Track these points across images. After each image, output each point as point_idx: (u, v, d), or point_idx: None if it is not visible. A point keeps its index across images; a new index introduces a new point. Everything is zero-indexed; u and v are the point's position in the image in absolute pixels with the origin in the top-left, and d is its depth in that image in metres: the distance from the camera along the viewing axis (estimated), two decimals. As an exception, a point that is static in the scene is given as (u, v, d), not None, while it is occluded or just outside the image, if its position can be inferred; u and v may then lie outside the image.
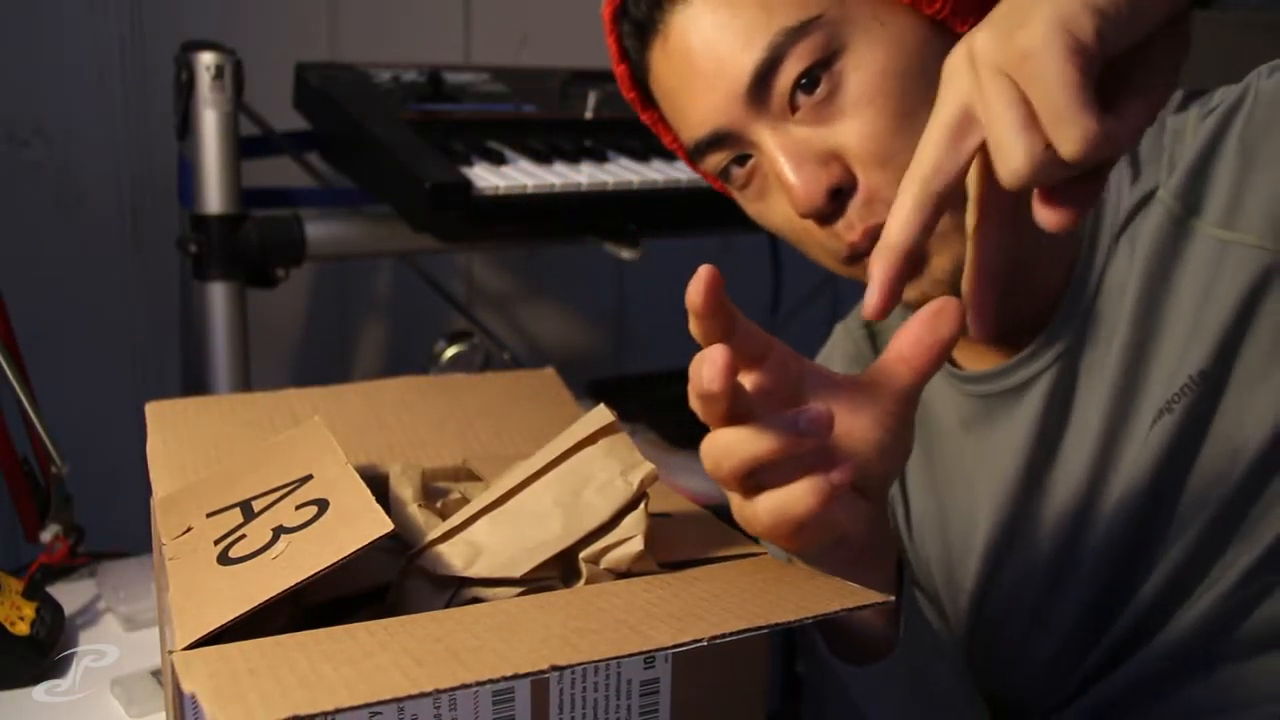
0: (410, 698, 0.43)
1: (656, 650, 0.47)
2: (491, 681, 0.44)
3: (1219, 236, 0.65)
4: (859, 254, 0.65)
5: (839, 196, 0.64)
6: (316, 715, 0.41)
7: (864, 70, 0.63)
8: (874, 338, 0.85)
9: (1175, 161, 0.68)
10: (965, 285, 0.54)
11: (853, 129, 0.63)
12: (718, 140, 0.67)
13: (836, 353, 0.87)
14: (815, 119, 0.64)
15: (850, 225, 0.64)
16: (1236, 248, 0.65)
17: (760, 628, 0.49)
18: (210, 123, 1.07)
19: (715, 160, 0.68)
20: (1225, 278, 0.65)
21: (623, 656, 0.47)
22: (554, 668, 0.45)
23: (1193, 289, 0.66)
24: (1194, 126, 0.68)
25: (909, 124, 0.62)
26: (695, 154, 0.69)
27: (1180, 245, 0.67)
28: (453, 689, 0.43)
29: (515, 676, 0.44)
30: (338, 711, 0.42)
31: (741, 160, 0.68)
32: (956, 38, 0.63)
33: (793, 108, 0.64)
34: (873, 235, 0.63)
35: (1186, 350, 0.67)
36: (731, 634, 0.48)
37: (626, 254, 1.11)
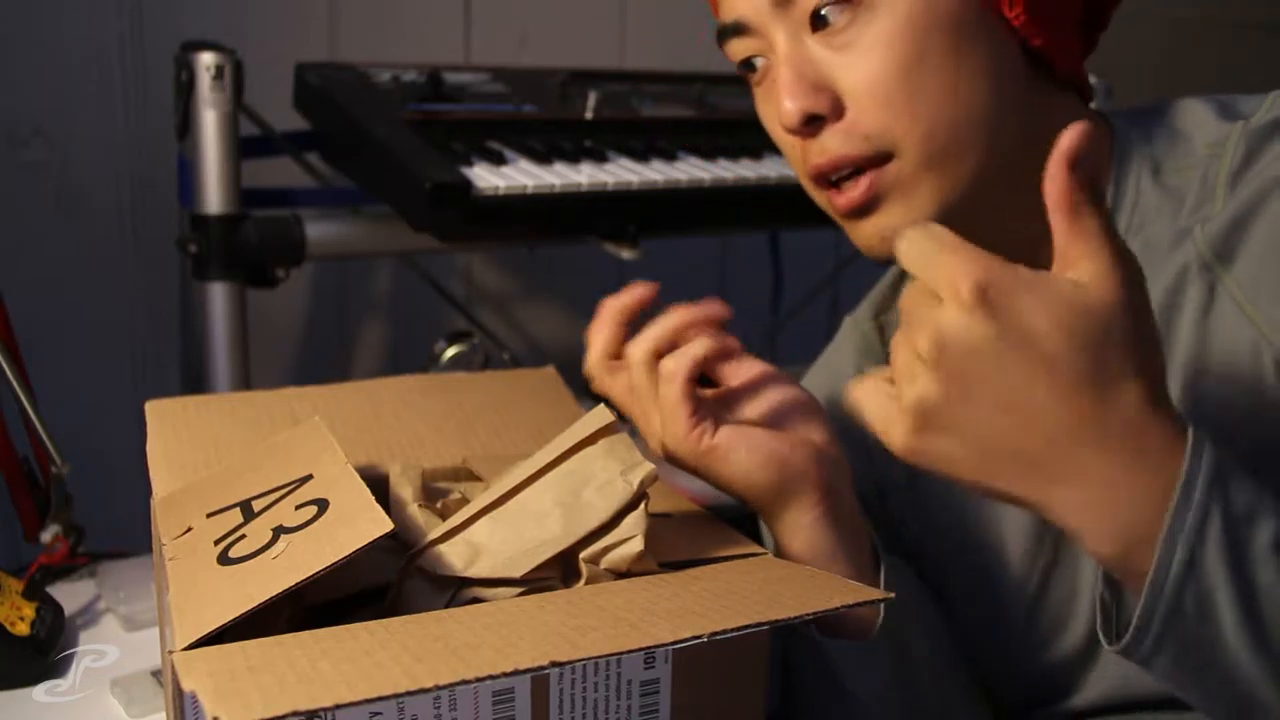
0: (410, 694, 0.43)
1: (656, 646, 0.47)
2: (491, 678, 0.44)
3: (1242, 306, 0.65)
4: (821, 179, 0.68)
5: (815, 122, 0.66)
6: (316, 711, 0.41)
7: (889, 15, 0.65)
8: (883, 330, 0.85)
9: (1211, 183, 0.67)
10: None
11: (859, 67, 0.65)
12: (738, 29, 0.69)
13: (846, 346, 0.86)
14: (829, 44, 0.66)
15: (822, 149, 0.67)
16: (1254, 329, 0.64)
17: (760, 624, 0.49)
18: (210, 123, 1.07)
19: (736, 49, 0.71)
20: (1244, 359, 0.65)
21: (623, 653, 0.47)
22: (554, 664, 0.45)
23: (1214, 358, 0.66)
24: (1236, 143, 0.67)
25: (916, 78, 0.64)
26: (720, 37, 0.71)
27: (1206, 297, 0.66)
28: (452, 685, 0.43)
29: (515, 673, 0.44)
30: (338, 707, 0.42)
31: (752, 62, 0.71)
32: (993, 10, 0.65)
33: (813, 25, 0.66)
34: (840, 163, 0.66)
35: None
36: (732, 630, 0.48)
37: (626, 254, 1.11)
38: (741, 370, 0.69)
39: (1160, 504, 0.49)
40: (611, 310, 0.72)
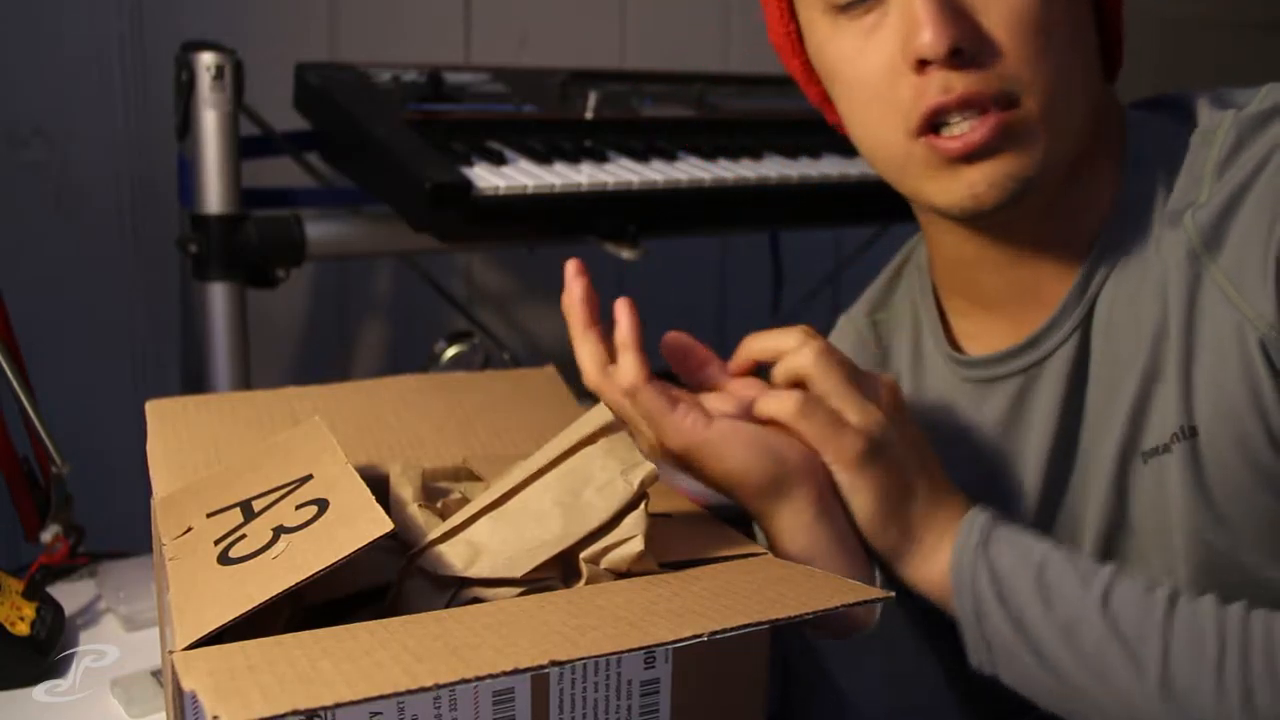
0: (410, 692, 0.43)
1: (656, 645, 0.47)
2: (491, 677, 0.44)
3: (1227, 294, 0.65)
4: (936, 121, 0.65)
5: (957, 56, 0.64)
6: (317, 710, 0.42)
7: None
8: (877, 326, 0.85)
9: (1199, 172, 0.68)
10: None
11: (1002, 5, 0.64)
12: None
13: (840, 341, 0.86)
14: None
15: (947, 86, 0.64)
16: (1239, 314, 0.65)
17: (760, 623, 0.49)
18: (210, 123, 1.07)
19: None
20: (1233, 349, 0.65)
21: (623, 652, 0.47)
22: (554, 663, 0.45)
23: (1204, 347, 0.67)
24: (1226, 131, 0.68)
25: (1048, 28, 0.65)
26: None
27: (1194, 285, 0.67)
28: (452, 684, 0.43)
29: (515, 672, 0.44)
30: (338, 706, 0.42)
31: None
32: None
33: None
34: (966, 101, 0.64)
35: (1180, 402, 0.67)
36: (732, 629, 0.48)
37: (626, 254, 1.11)
38: (718, 377, 0.72)
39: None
40: (577, 321, 0.71)
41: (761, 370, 0.72)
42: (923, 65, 0.64)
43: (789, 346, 0.69)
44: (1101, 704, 0.64)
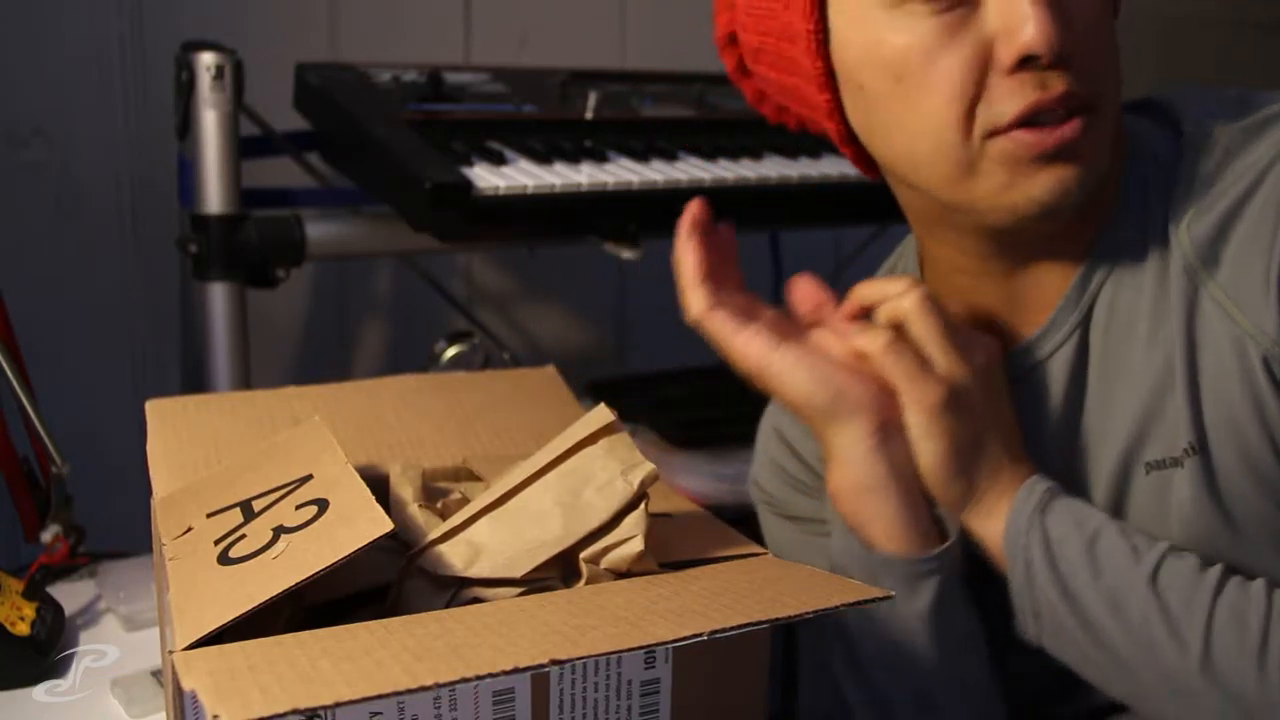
0: (410, 691, 0.43)
1: (656, 645, 0.47)
2: (491, 676, 0.44)
3: (1226, 309, 0.66)
4: (1032, 119, 0.64)
5: (1060, 54, 0.63)
6: (317, 710, 0.42)
7: None
8: None
9: (1189, 182, 0.68)
10: None
11: (1087, 13, 0.64)
12: None
13: None
14: None
15: (1044, 84, 0.63)
16: (1239, 330, 0.65)
17: (760, 622, 0.49)
18: (210, 123, 1.07)
19: None
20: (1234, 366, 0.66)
21: (623, 651, 0.47)
22: (554, 662, 0.45)
23: (1207, 362, 0.67)
24: (1216, 142, 0.68)
25: (1113, 37, 0.67)
26: None
27: (1192, 301, 0.67)
28: (452, 683, 0.43)
29: (515, 671, 0.44)
30: (338, 705, 0.42)
31: None
32: None
33: None
34: (1065, 100, 0.63)
35: (1189, 418, 0.67)
36: (732, 629, 0.48)
37: (626, 254, 1.11)
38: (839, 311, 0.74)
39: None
40: (685, 237, 0.74)
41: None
42: (1023, 64, 0.63)
43: (894, 292, 0.71)
44: (1143, 677, 0.65)
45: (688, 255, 0.72)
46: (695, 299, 0.71)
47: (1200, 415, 0.66)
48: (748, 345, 0.70)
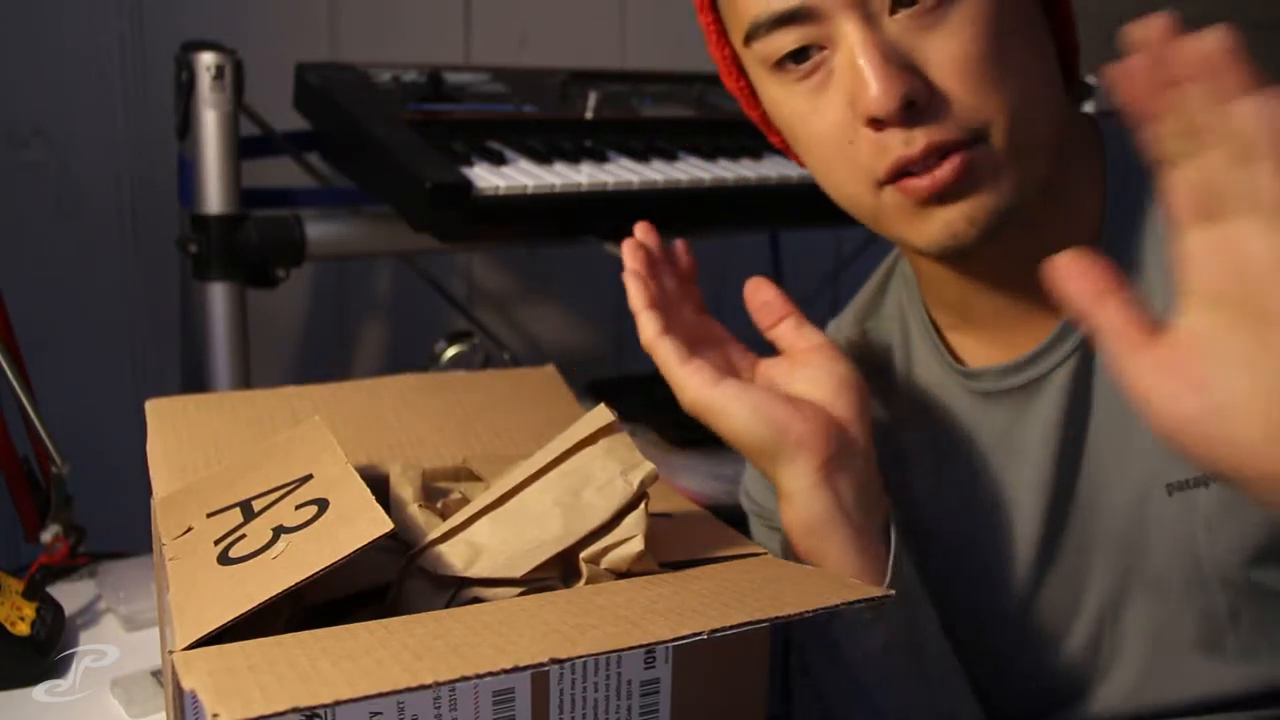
0: (409, 690, 0.43)
1: (656, 644, 0.47)
2: (491, 675, 0.44)
3: None
4: (905, 172, 0.64)
5: (909, 108, 0.62)
6: (317, 709, 0.42)
7: None
8: (868, 334, 0.84)
9: None
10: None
11: (948, 45, 0.62)
12: (799, 17, 0.64)
13: None
14: (911, 27, 0.63)
15: (910, 139, 0.62)
16: None
17: (760, 621, 0.49)
18: (210, 123, 1.07)
19: (779, 42, 0.65)
20: None
21: (622, 650, 0.47)
22: (554, 660, 0.45)
23: None
24: None
25: (1004, 58, 0.63)
26: (763, 27, 0.66)
27: None
28: (452, 682, 0.43)
29: (515, 669, 0.44)
30: (338, 704, 0.42)
31: (800, 55, 0.65)
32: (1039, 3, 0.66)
33: (892, 10, 0.63)
34: (931, 151, 0.63)
35: None
36: (731, 627, 0.48)
37: (626, 254, 1.11)
38: (795, 339, 0.73)
39: None
40: (629, 263, 0.74)
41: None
42: (877, 124, 0.63)
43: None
44: None
45: (631, 282, 0.71)
46: (643, 324, 0.70)
47: None
48: (689, 378, 0.68)
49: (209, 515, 0.60)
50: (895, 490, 0.80)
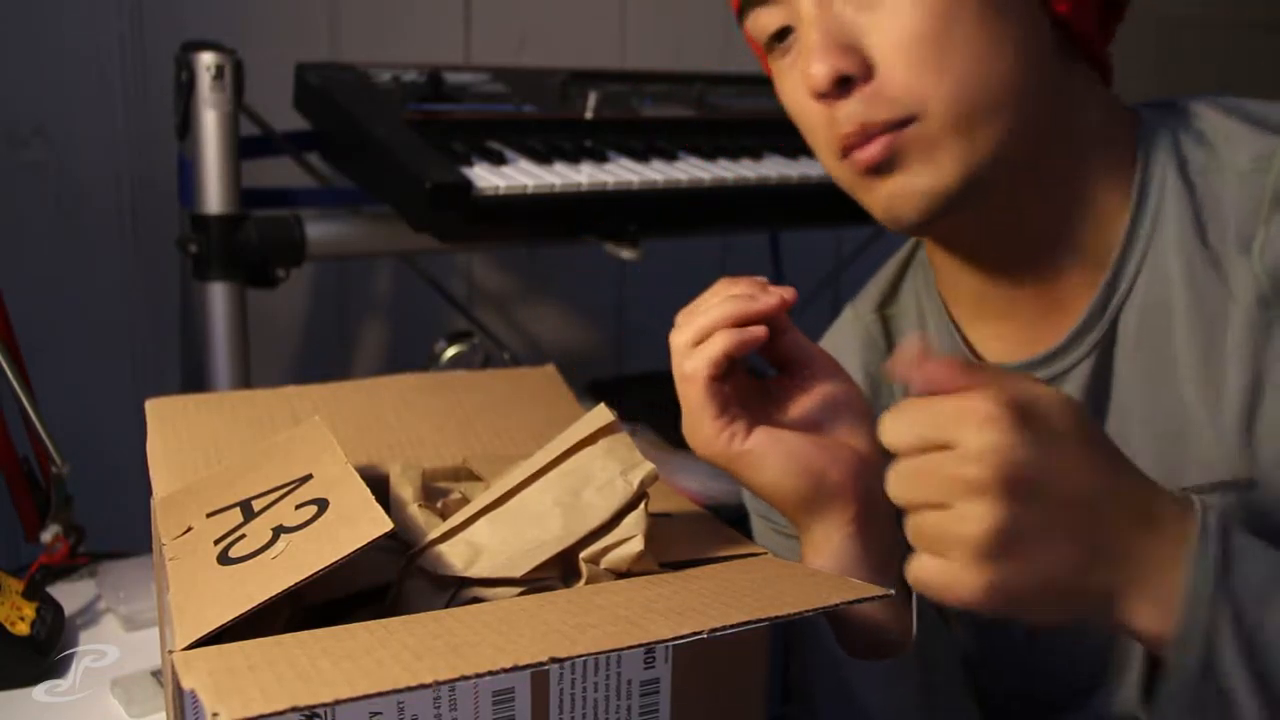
0: (409, 689, 0.43)
1: (656, 642, 0.47)
2: (491, 674, 0.44)
3: None
4: (848, 148, 0.66)
5: (845, 85, 0.64)
6: (316, 708, 0.42)
7: None
8: (887, 322, 0.83)
9: (1253, 201, 0.66)
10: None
11: (890, 25, 0.64)
12: None
13: (848, 337, 0.84)
14: (860, 4, 0.65)
15: (849, 116, 0.65)
16: None
17: (760, 620, 0.49)
18: (210, 123, 1.07)
19: (763, 20, 0.69)
20: None
21: (622, 649, 0.47)
22: (553, 660, 0.45)
23: (1274, 397, 0.65)
24: None
25: (946, 39, 0.63)
26: (745, 9, 0.70)
27: (1263, 332, 0.65)
28: (452, 681, 0.43)
29: (515, 669, 0.44)
30: (337, 703, 0.42)
31: (782, 35, 0.69)
32: None
33: None
34: (866, 133, 0.65)
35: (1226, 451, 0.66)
36: (731, 626, 0.48)
37: (626, 254, 1.11)
38: (791, 352, 0.67)
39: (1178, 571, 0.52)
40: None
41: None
42: (821, 98, 0.66)
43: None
44: None
45: (734, 305, 0.64)
46: (700, 360, 0.63)
47: (1253, 449, 0.65)
48: (720, 432, 0.63)
49: (209, 515, 0.60)
50: None
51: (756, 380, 0.68)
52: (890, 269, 0.85)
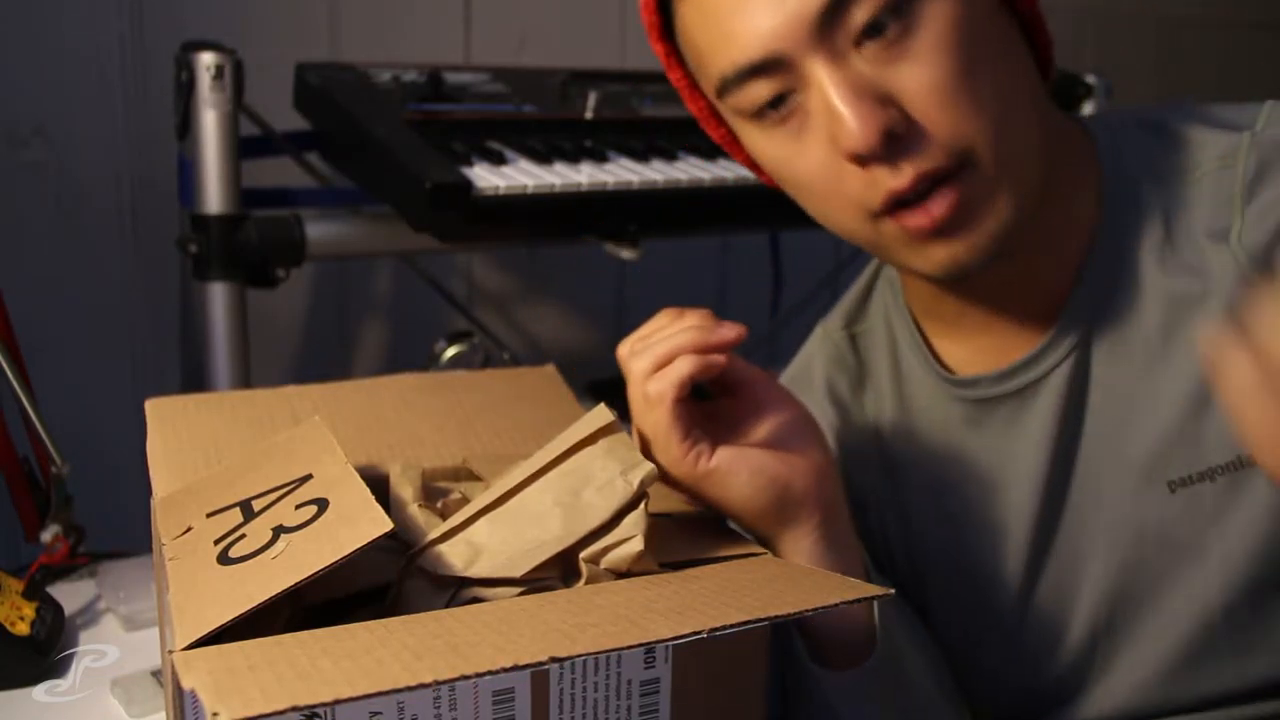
0: (409, 689, 0.43)
1: (656, 642, 0.47)
2: (491, 673, 0.44)
3: None
4: (900, 202, 0.63)
5: (891, 140, 0.62)
6: (316, 708, 0.42)
7: (938, 19, 0.62)
8: (855, 340, 0.84)
9: (1224, 198, 0.66)
10: None
11: (918, 73, 0.61)
12: (767, 67, 0.63)
13: (818, 354, 0.84)
14: (879, 59, 0.62)
15: (897, 170, 0.62)
16: None
17: (759, 620, 0.49)
18: (210, 123, 1.07)
19: (754, 92, 0.65)
20: None
21: (622, 649, 0.47)
22: (553, 659, 0.45)
23: None
24: (1245, 155, 0.66)
25: (975, 79, 0.62)
26: (733, 81, 0.65)
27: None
28: (452, 680, 0.43)
29: (515, 668, 0.44)
30: (337, 703, 0.42)
31: (778, 102, 0.65)
32: (1006, 11, 0.65)
33: (860, 40, 0.62)
34: (921, 181, 0.62)
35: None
36: (731, 626, 0.48)
37: (626, 254, 1.11)
38: (733, 376, 0.68)
39: None
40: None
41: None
42: (861, 160, 0.63)
43: None
44: None
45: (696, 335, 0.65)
46: (666, 383, 0.64)
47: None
48: (687, 453, 0.63)
49: (209, 515, 0.60)
50: (885, 500, 0.80)
51: (705, 404, 0.68)
52: (858, 287, 0.85)
